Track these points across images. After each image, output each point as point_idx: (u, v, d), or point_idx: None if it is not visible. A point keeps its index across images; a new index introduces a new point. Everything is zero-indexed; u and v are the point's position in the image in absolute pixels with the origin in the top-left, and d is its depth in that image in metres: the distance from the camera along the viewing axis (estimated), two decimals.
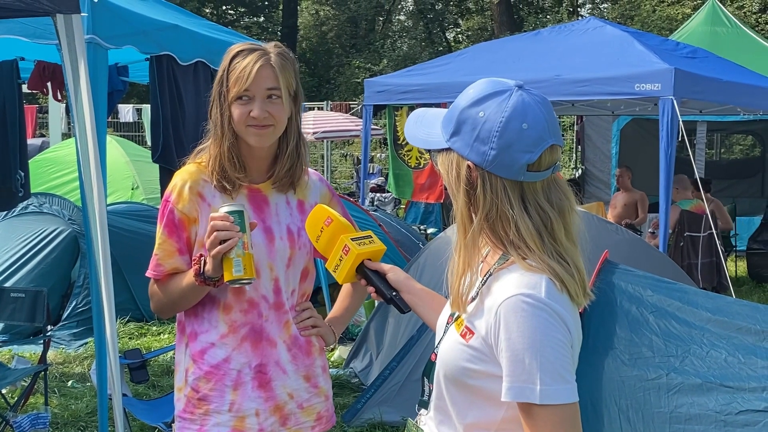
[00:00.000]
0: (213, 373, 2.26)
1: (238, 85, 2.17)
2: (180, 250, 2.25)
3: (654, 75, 6.56)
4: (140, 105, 15.27)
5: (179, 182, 2.26)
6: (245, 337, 2.26)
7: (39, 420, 4.50)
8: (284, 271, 2.30)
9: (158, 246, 2.26)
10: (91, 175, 3.60)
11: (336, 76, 28.47)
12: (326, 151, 17.32)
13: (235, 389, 2.26)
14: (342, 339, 6.86)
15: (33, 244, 6.95)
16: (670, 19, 22.33)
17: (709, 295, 4.05)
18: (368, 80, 8.77)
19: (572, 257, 1.57)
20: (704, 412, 3.34)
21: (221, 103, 2.21)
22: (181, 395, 2.32)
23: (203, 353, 2.27)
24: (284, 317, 2.31)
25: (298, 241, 2.31)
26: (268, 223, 2.29)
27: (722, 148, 14.69)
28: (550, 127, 1.55)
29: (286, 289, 2.31)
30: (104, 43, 3.95)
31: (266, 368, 2.28)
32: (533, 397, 1.46)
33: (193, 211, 2.23)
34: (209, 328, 2.27)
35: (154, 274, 2.27)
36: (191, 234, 2.25)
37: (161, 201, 2.31)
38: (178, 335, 2.36)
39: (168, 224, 2.25)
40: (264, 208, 2.30)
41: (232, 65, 2.19)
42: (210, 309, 2.27)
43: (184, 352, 2.31)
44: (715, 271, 8.12)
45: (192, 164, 2.30)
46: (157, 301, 2.31)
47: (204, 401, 2.27)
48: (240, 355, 2.26)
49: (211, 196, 2.25)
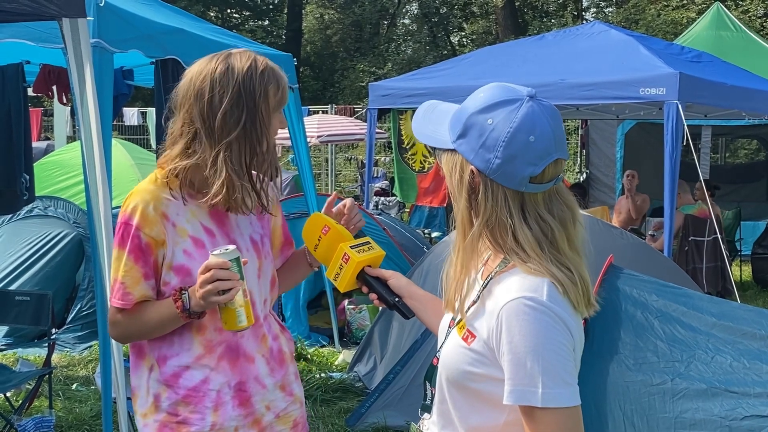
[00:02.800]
0: (191, 396, 2.17)
1: (282, 96, 2.16)
2: (146, 275, 2.13)
3: (659, 79, 6.55)
4: (145, 108, 15.32)
5: (140, 203, 2.12)
6: (222, 356, 2.18)
7: (43, 423, 4.50)
8: (256, 283, 2.24)
9: (124, 273, 2.12)
10: (97, 179, 3.60)
11: (340, 80, 28.48)
12: (330, 155, 17.33)
13: (215, 410, 2.18)
14: (346, 343, 6.86)
15: (38, 248, 6.96)
16: (674, 24, 22.31)
17: (714, 300, 4.04)
18: (373, 84, 8.77)
19: (576, 266, 1.57)
20: (709, 417, 3.33)
21: (261, 116, 2.10)
22: (150, 420, 2.21)
23: (177, 377, 2.17)
24: (260, 331, 2.25)
25: (263, 249, 2.27)
26: (232, 237, 2.21)
27: (727, 153, 14.67)
28: (557, 141, 1.55)
29: (260, 300, 2.25)
30: (110, 47, 3.96)
31: (246, 385, 2.21)
32: (535, 401, 1.46)
33: (161, 233, 2.12)
34: (180, 351, 2.17)
35: (122, 303, 2.13)
36: (158, 257, 2.13)
37: (117, 223, 2.14)
38: (136, 359, 2.24)
39: (133, 250, 2.11)
40: (225, 222, 2.22)
41: (266, 76, 2.11)
42: (180, 331, 2.16)
43: (147, 377, 2.20)
44: (720, 276, 8.10)
45: (147, 182, 2.17)
46: (122, 330, 2.18)
47: (184, 424, 2.18)
48: (218, 375, 2.18)
49: (175, 215, 2.14)
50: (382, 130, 13.39)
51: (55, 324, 5.21)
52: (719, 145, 13.89)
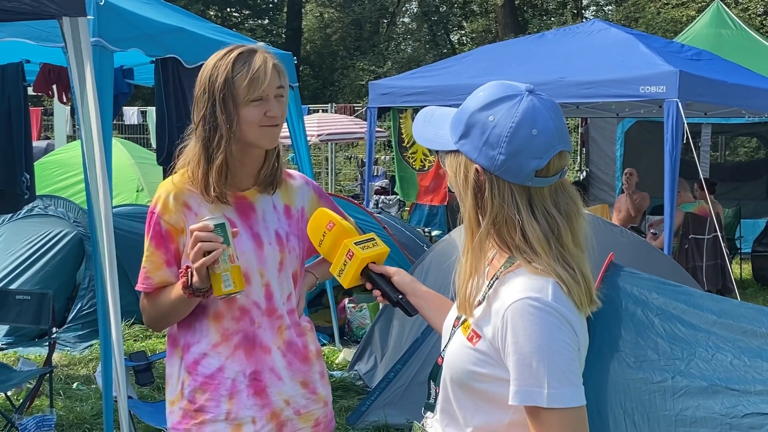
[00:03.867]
0: (208, 383, 2.23)
1: (253, 87, 2.13)
2: (168, 262, 2.22)
3: (659, 77, 6.55)
4: (145, 107, 15.31)
5: (163, 193, 2.23)
6: (238, 345, 2.23)
7: (44, 422, 4.51)
8: (276, 276, 2.27)
9: (146, 258, 2.22)
10: (97, 178, 3.60)
11: (340, 79, 28.49)
12: (330, 154, 17.33)
13: (230, 398, 2.23)
14: (346, 341, 6.87)
15: (38, 247, 6.96)
16: (674, 22, 22.31)
17: (715, 297, 4.04)
18: (372, 82, 8.77)
19: (578, 263, 1.56)
20: (710, 415, 3.33)
21: (227, 109, 2.15)
22: (175, 408, 2.28)
23: (197, 364, 2.24)
24: (277, 323, 2.28)
25: (287, 245, 2.29)
26: (255, 230, 2.26)
27: (727, 151, 14.65)
28: (560, 133, 1.55)
29: (281, 294, 2.28)
30: (110, 46, 3.96)
31: (261, 375, 2.25)
32: (540, 401, 1.46)
33: (180, 221, 2.20)
34: (200, 339, 2.24)
35: (144, 287, 2.23)
36: (179, 245, 2.21)
37: (147, 213, 2.27)
38: (170, 348, 2.32)
39: (155, 236, 2.22)
40: (251, 215, 2.27)
41: (237, 69, 2.15)
42: (201, 319, 2.24)
43: (178, 365, 2.28)
44: (720, 274, 8.09)
45: (176, 174, 2.27)
46: (148, 315, 2.28)
47: (200, 412, 2.24)
48: (234, 364, 2.23)
49: (197, 206, 2.22)
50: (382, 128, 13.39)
51: (55, 323, 5.22)
52: (719, 143, 13.87)
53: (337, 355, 6.46)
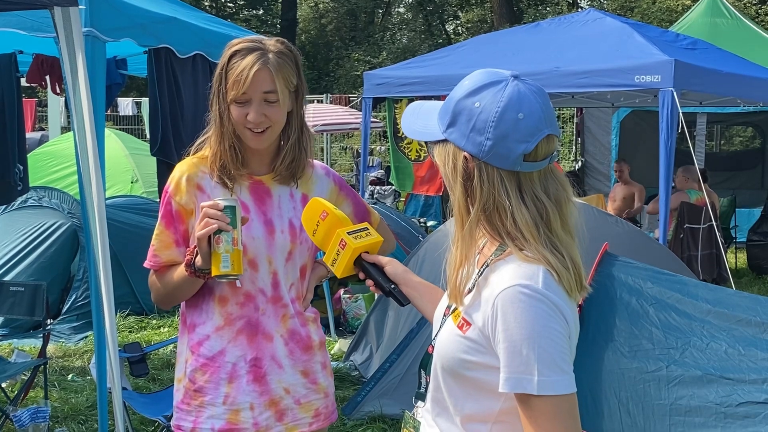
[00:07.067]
0: (208, 365, 2.26)
1: (236, 87, 2.14)
2: (177, 242, 2.25)
3: (654, 66, 6.54)
4: (139, 98, 15.24)
5: (178, 174, 2.26)
6: (241, 330, 2.25)
7: (39, 414, 4.50)
8: (283, 264, 2.28)
9: (155, 237, 2.26)
10: (90, 169, 3.59)
11: (335, 69, 28.43)
12: (326, 144, 17.31)
13: (230, 382, 2.25)
14: (342, 332, 6.87)
15: (32, 238, 6.95)
16: (669, 11, 22.29)
17: (709, 287, 4.04)
18: (367, 73, 8.75)
19: (568, 249, 1.56)
20: (704, 404, 3.34)
21: (220, 100, 2.20)
22: (180, 386, 2.33)
23: (200, 345, 2.27)
24: (282, 311, 2.29)
25: (300, 235, 2.29)
26: (269, 216, 2.27)
27: (722, 140, 14.67)
28: (546, 117, 1.55)
29: (285, 283, 2.29)
30: (102, 36, 3.93)
31: (261, 362, 2.27)
32: (531, 388, 1.46)
33: (191, 203, 2.23)
34: (206, 320, 2.27)
35: (151, 264, 2.27)
36: (188, 226, 2.24)
37: (162, 193, 2.32)
38: (181, 326, 2.37)
39: (165, 215, 2.25)
40: (266, 200, 2.28)
41: (231, 64, 2.17)
42: (207, 300, 2.27)
43: (186, 343, 2.32)
44: (715, 263, 8.11)
45: (193, 156, 2.30)
46: (155, 292, 2.32)
47: (199, 393, 2.27)
48: (235, 348, 2.25)
49: (211, 188, 2.24)
50: (378, 119, 13.36)
51: (50, 315, 5.21)
52: (714, 133, 13.89)
53: (332, 345, 6.46)
